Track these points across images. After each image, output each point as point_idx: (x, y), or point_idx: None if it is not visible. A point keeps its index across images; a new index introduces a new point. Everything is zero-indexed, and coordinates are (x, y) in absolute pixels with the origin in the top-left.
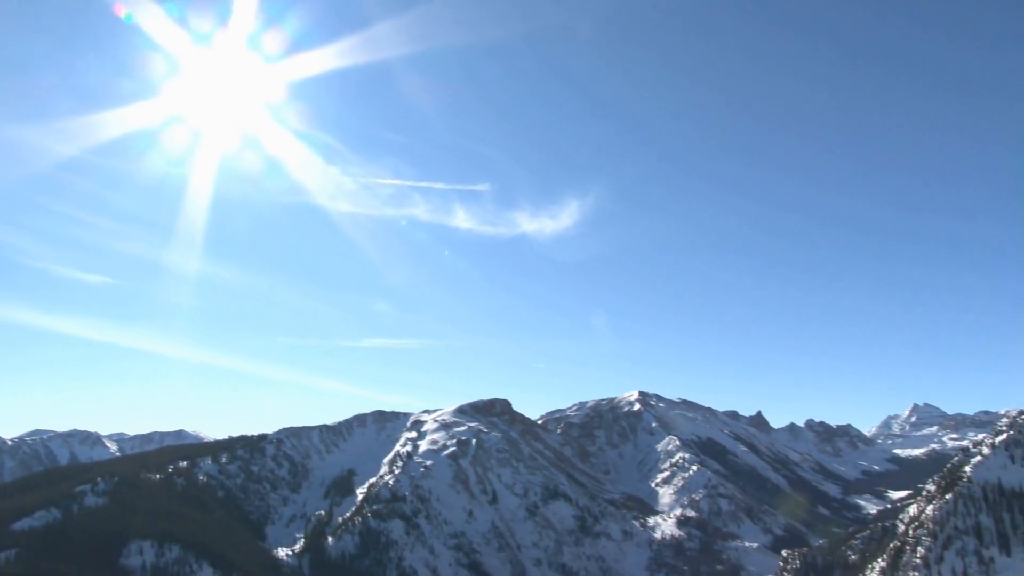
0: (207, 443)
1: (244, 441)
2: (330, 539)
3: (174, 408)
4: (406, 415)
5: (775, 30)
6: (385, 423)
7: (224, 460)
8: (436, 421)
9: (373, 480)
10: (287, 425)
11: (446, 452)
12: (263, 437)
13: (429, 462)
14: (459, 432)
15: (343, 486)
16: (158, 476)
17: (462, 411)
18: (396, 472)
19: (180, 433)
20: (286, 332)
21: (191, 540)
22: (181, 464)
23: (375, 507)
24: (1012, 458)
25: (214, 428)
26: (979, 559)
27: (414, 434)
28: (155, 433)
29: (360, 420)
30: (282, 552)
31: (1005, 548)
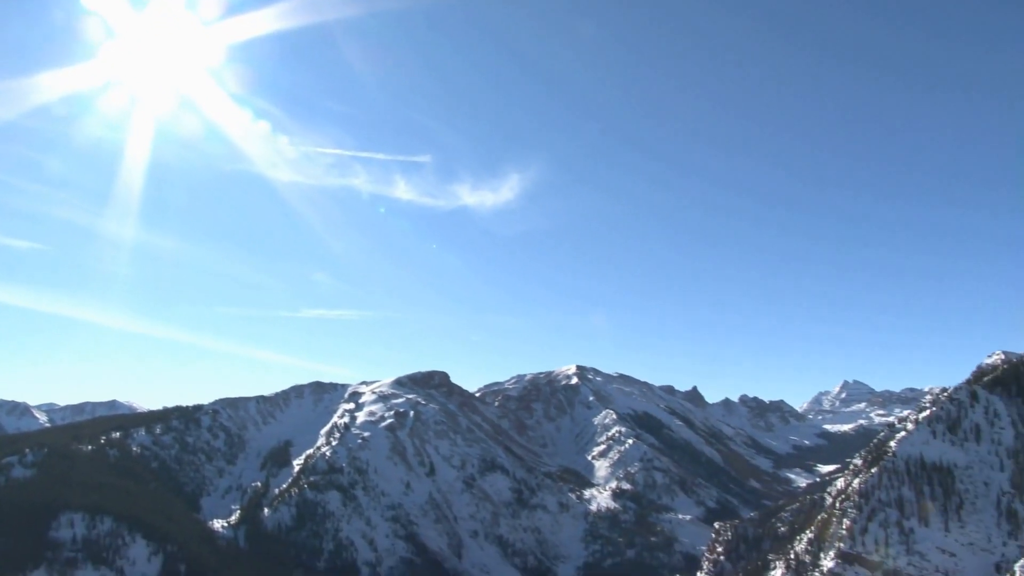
0: (141, 414)
1: (179, 412)
2: (266, 510)
3: (107, 378)
4: (344, 386)
5: (721, 5)
6: (323, 394)
7: (158, 431)
8: (374, 393)
9: (310, 451)
10: (223, 396)
11: (384, 424)
12: (199, 408)
13: (367, 433)
14: (397, 404)
15: (280, 457)
16: (90, 447)
17: (400, 383)
18: (333, 443)
19: (113, 404)
20: (223, 302)
21: (124, 512)
22: (114, 435)
23: (312, 478)
24: (934, 433)
25: (148, 399)
26: (900, 530)
27: (352, 405)
28: (87, 403)
29: (298, 391)
30: (217, 524)
31: (924, 519)
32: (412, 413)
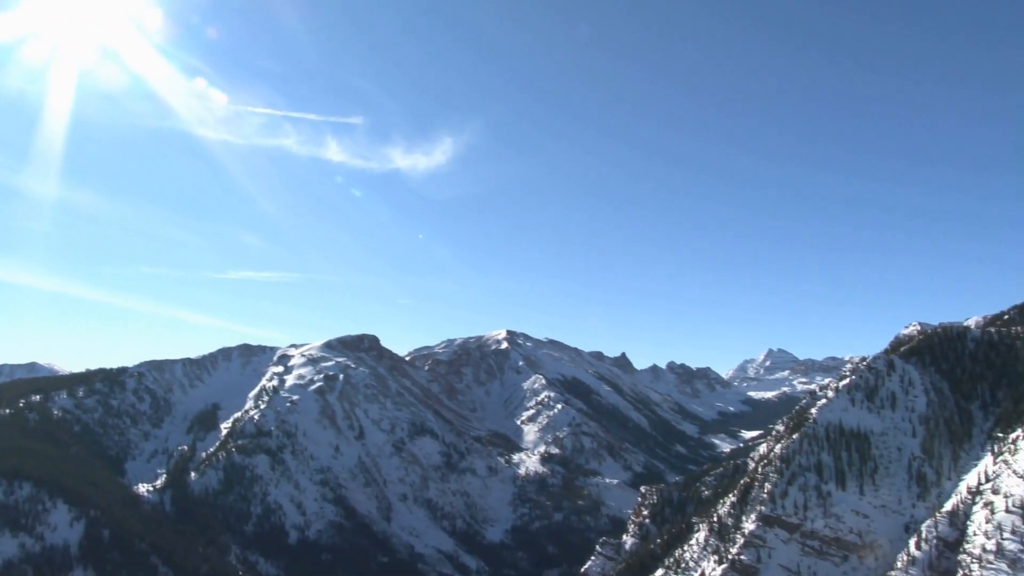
0: (62, 376)
1: (103, 374)
2: (193, 474)
3: (26, 339)
4: (273, 349)
5: None
6: (251, 357)
7: (81, 394)
8: (303, 356)
9: (238, 415)
10: (149, 358)
11: (313, 387)
12: (123, 370)
13: (296, 397)
14: (326, 367)
15: (207, 421)
16: (8, 411)
17: (330, 346)
18: (262, 407)
19: (33, 366)
20: (148, 261)
21: (44, 477)
22: (34, 398)
23: (240, 442)
24: (852, 401)
25: (70, 361)
26: (819, 493)
27: (280, 368)
28: (4, 366)
29: (225, 354)
30: (143, 488)
31: (841, 483)
32: (342, 376)
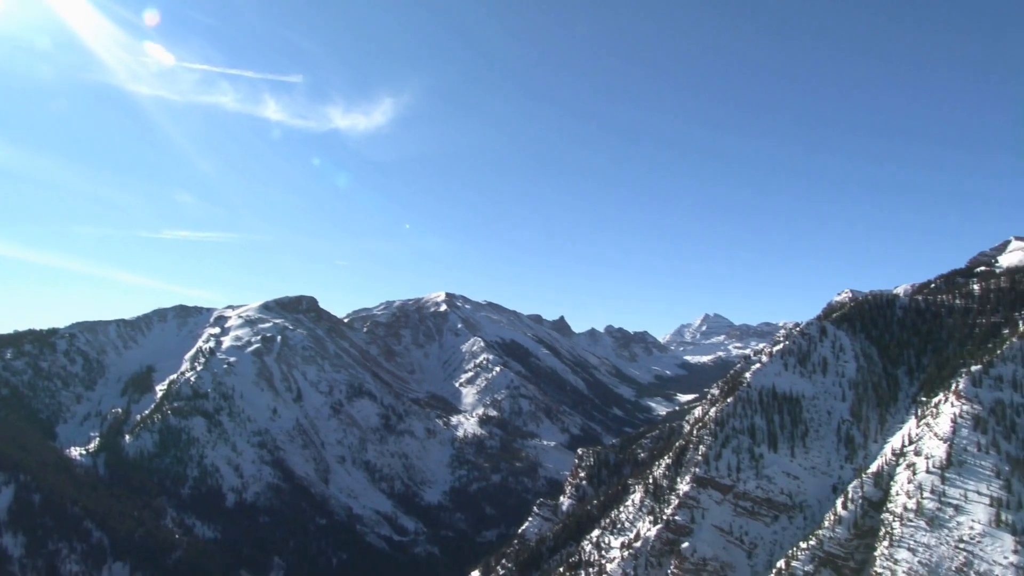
0: None
1: (32, 336)
2: (127, 437)
3: None
4: (209, 310)
5: None
6: (187, 318)
7: (9, 356)
8: (240, 317)
9: (174, 377)
10: (81, 319)
11: (250, 349)
12: (54, 331)
13: (232, 359)
14: (264, 328)
15: (142, 383)
16: None
17: (267, 307)
18: (198, 368)
19: None
20: (79, 220)
21: None
22: None
23: (176, 404)
24: (785, 366)
25: None
26: (751, 456)
27: (217, 330)
28: None
29: (160, 315)
30: (75, 451)
31: (773, 446)
32: (279, 338)
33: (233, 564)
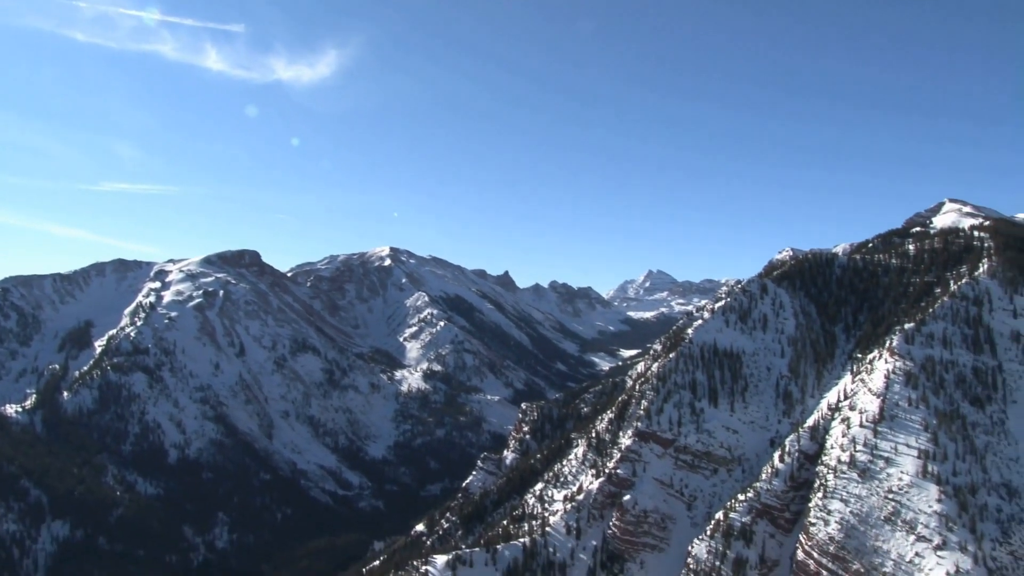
0: None
1: None
2: (66, 394)
3: None
4: (149, 264)
5: None
6: (126, 272)
7: None
8: (181, 271)
9: (113, 332)
10: (15, 273)
11: (192, 303)
12: None
13: (174, 313)
14: (206, 283)
15: (80, 338)
16: None
17: (209, 261)
18: (138, 323)
19: None
20: (12, 171)
21: None
22: None
23: (115, 360)
24: (727, 322)
25: None
26: (692, 410)
27: (158, 284)
28: None
29: (99, 269)
30: (10, 409)
31: (714, 401)
32: (221, 293)
33: (176, 520)
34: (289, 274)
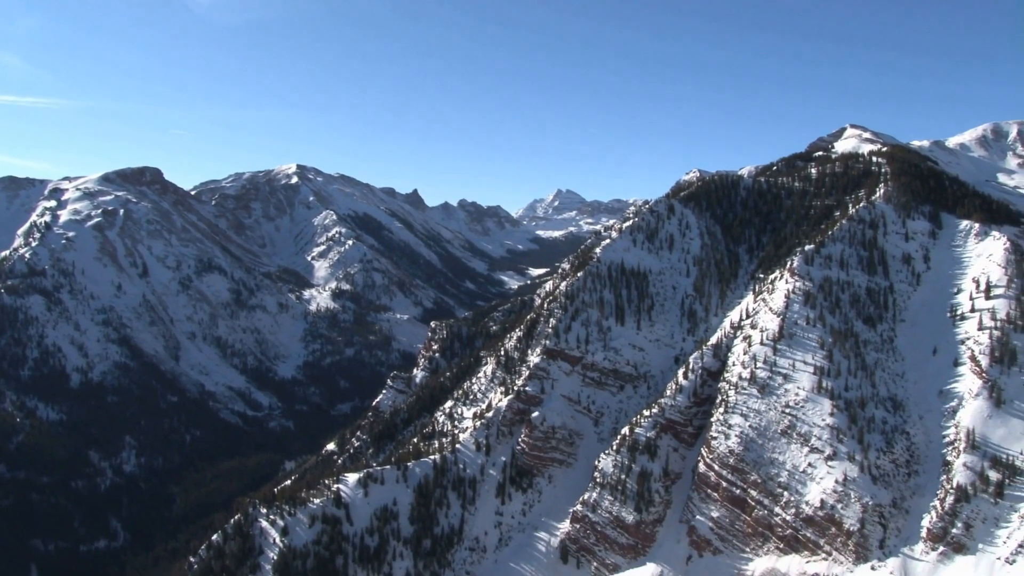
0: None
1: None
2: None
3: None
4: (43, 182)
5: None
6: (18, 191)
7: None
8: (79, 189)
9: (6, 253)
10: None
11: (91, 223)
12: None
13: (71, 233)
14: (105, 202)
15: None
16: None
17: (108, 179)
18: (33, 244)
19: None
20: None
21: None
22: None
23: (9, 283)
24: (634, 242)
25: None
26: (599, 328)
27: (53, 203)
28: None
29: None
30: None
31: (620, 318)
32: (122, 211)
33: (81, 445)
34: (193, 192)
